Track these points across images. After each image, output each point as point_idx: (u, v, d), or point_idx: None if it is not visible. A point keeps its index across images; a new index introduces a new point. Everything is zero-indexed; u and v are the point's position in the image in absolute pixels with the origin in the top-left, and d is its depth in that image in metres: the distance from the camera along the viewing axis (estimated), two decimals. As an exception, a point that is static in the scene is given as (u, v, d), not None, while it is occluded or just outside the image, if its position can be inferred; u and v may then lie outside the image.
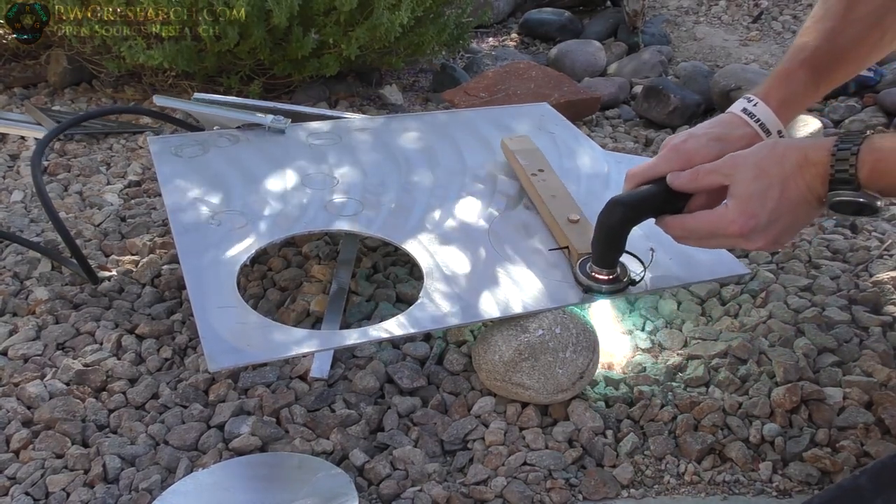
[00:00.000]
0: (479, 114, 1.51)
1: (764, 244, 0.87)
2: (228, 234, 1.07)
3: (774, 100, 0.97)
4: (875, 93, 1.88)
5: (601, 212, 0.94)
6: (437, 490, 0.88)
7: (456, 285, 1.01)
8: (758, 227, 0.85)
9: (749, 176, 0.85)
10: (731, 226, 0.86)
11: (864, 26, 0.98)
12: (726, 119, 0.99)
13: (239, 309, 0.94)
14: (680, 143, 0.95)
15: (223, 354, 0.87)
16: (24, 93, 2.01)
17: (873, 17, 0.98)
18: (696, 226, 0.90)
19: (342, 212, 1.14)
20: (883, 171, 0.79)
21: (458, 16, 2.09)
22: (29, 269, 1.27)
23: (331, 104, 1.96)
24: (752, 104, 0.97)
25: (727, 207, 0.87)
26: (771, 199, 0.84)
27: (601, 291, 1.00)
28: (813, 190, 0.83)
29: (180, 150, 1.26)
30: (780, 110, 0.97)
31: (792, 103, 0.99)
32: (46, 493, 0.89)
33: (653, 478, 0.92)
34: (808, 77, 0.98)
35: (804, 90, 0.99)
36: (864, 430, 0.94)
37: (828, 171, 0.81)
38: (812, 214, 0.87)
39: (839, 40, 0.98)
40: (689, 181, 0.90)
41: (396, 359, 1.07)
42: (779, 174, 0.84)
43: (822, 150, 0.82)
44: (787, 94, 0.98)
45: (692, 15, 2.70)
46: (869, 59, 1.08)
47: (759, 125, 0.97)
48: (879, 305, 1.16)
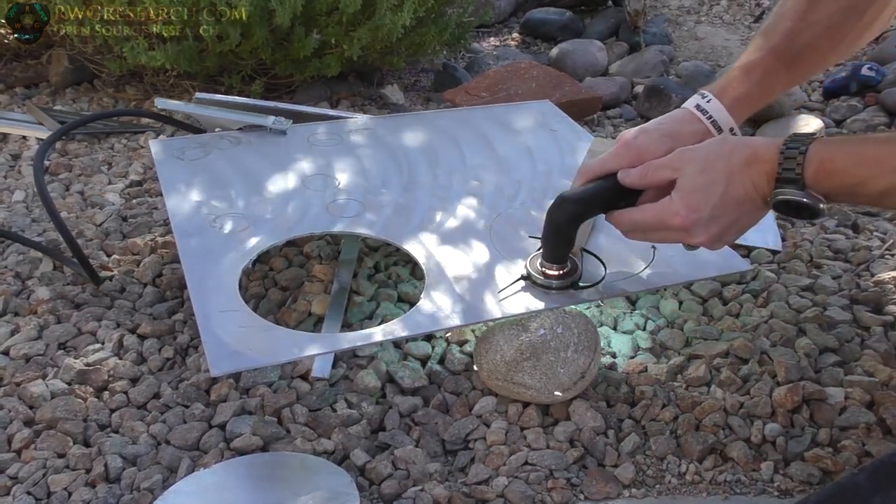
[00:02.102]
0: (481, 112, 1.51)
1: (705, 239, 0.87)
2: (230, 237, 1.07)
3: (728, 97, 0.98)
4: (877, 92, 1.88)
5: (549, 208, 0.94)
6: (439, 490, 0.88)
7: (457, 286, 1.01)
8: (700, 220, 0.85)
9: (695, 170, 0.85)
10: (674, 218, 0.86)
11: (823, 28, 0.98)
12: (679, 115, 0.99)
13: (241, 313, 0.94)
14: (631, 138, 0.95)
15: (225, 359, 0.87)
16: (25, 92, 2.01)
17: (833, 19, 0.98)
18: (641, 218, 0.90)
19: (344, 213, 1.14)
20: (829, 172, 0.80)
21: (459, 15, 2.09)
22: (30, 269, 1.28)
23: (332, 104, 1.96)
24: (706, 100, 0.98)
25: (671, 200, 0.87)
26: (715, 194, 0.84)
27: (551, 287, 1.00)
28: (758, 187, 0.83)
29: (182, 153, 1.27)
30: (734, 108, 0.97)
31: (746, 101, 0.99)
32: (48, 492, 0.89)
33: (654, 477, 0.92)
34: (763, 76, 0.98)
35: (759, 89, 0.99)
36: (866, 430, 0.94)
37: (775, 169, 0.81)
38: (757, 214, 0.87)
39: (797, 41, 0.98)
40: (639, 178, 0.91)
41: (398, 358, 1.07)
42: (724, 169, 0.84)
43: (771, 148, 0.82)
44: (741, 92, 0.98)
45: (693, 14, 2.70)
46: (826, 62, 1.08)
47: (710, 122, 0.97)
48: (881, 305, 1.16)
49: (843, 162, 0.80)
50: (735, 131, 0.99)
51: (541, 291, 1.00)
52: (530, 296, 0.99)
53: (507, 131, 1.41)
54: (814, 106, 1.91)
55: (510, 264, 1.05)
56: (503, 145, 1.36)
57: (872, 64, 1.95)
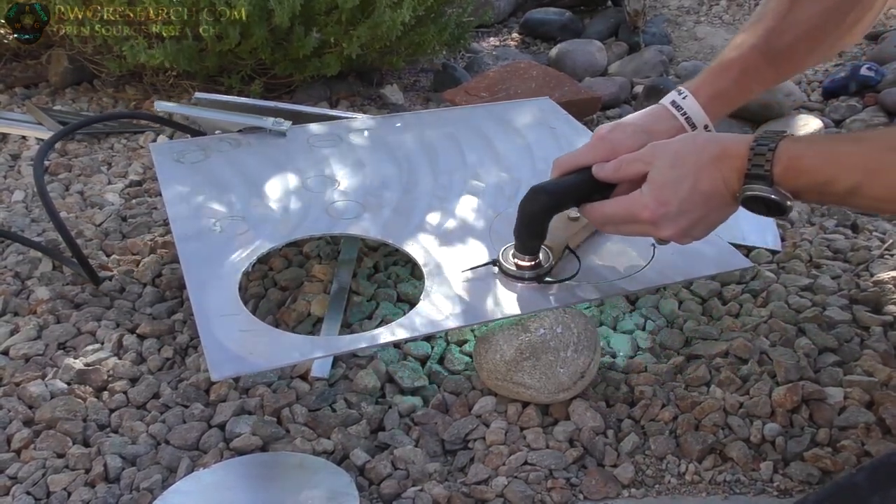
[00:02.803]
0: (480, 110, 1.51)
1: (673, 233, 0.88)
2: (230, 240, 1.07)
3: (704, 94, 0.98)
4: (876, 92, 1.88)
5: (523, 199, 0.94)
6: (438, 490, 0.88)
7: (457, 286, 1.01)
8: (668, 214, 0.86)
9: (666, 164, 0.86)
10: (643, 211, 0.87)
11: (804, 29, 0.99)
12: (655, 111, 1.00)
13: (242, 317, 0.94)
14: (606, 133, 0.96)
15: (226, 364, 0.87)
16: (25, 92, 2.01)
17: (814, 20, 0.98)
18: (612, 211, 0.91)
19: (343, 215, 1.14)
20: (797, 170, 0.80)
21: (458, 15, 2.09)
22: (30, 269, 1.28)
23: (332, 104, 1.96)
24: (682, 97, 0.99)
25: (641, 193, 0.88)
26: (683, 189, 0.85)
27: (523, 278, 1.00)
28: (728, 183, 0.84)
29: (182, 156, 1.26)
30: (709, 105, 0.98)
31: (722, 99, 0.99)
32: (48, 492, 0.89)
33: (654, 477, 0.92)
34: (740, 74, 0.99)
35: (736, 87, 0.99)
36: (865, 430, 0.94)
37: (744, 166, 0.82)
38: (726, 210, 0.88)
39: (776, 41, 0.99)
40: (613, 171, 0.91)
41: (397, 358, 1.07)
42: (694, 164, 0.85)
43: (741, 144, 0.83)
44: (717, 90, 0.99)
45: (693, 14, 2.70)
46: (806, 63, 1.09)
47: (685, 118, 0.98)
48: (880, 305, 1.16)
49: (812, 160, 0.80)
50: (710, 128, 0.99)
51: (541, 291, 1.00)
52: (529, 295, 0.99)
53: (507, 129, 1.40)
54: (813, 106, 1.91)
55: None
56: (503, 144, 1.35)
57: (872, 64, 1.95)
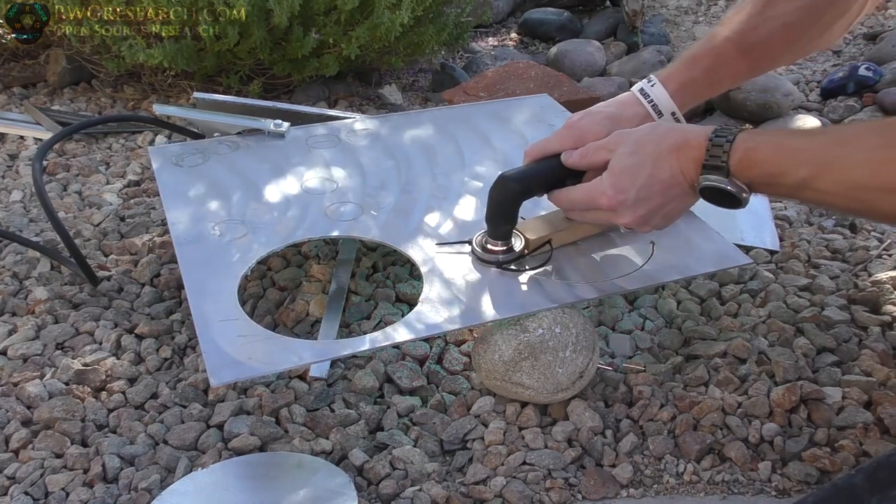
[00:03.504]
0: (479, 108, 1.51)
1: (632, 220, 0.90)
2: (229, 244, 1.07)
3: (673, 83, 1.00)
4: (874, 92, 1.88)
5: (492, 186, 0.97)
6: (437, 489, 0.88)
7: (456, 287, 1.00)
8: (626, 202, 0.88)
9: (626, 151, 0.88)
10: (601, 197, 0.90)
11: (779, 24, 1.00)
12: (623, 98, 1.02)
13: (241, 322, 0.94)
14: (576, 120, 0.98)
15: (225, 369, 0.87)
16: (23, 92, 2.01)
17: (790, 17, 1.00)
18: (575, 197, 0.94)
19: (342, 217, 1.14)
20: (752, 161, 0.82)
21: (457, 15, 2.09)
22: (28, 269, 1.27)
23: (330, 104, 1.96)
24: (651, 85, 1.01)
25: (601, 180, 0.90)
26: (641, 176, 0.87)
27: (497, 262, 1.02)
28: (686, 173, 0.85)
29: (181, 160, 1.26)
30: (678, 94, 1.00)
31: (691, 88, 1.01)
32: (46, 492, 0.89)
33: (652, 477, 0.92)
34: (711, 65, 1.01)
35: (705, 77, 1.01)
36: (864, 430, 0.94)
37: (702, 156, 0.84)
38: (685, 200, 0.89)
39: (751, 35, 1.00)
40: (580, 159, 0.94)
41: (396, 358, 1.07)
42: (653, 152, 0.86)
43: (701, 135, 0.85)
44: (686, 79, 1.01)
45: (692, 14, 2.70)
46: (780, 59, 1.10)
47: (651, 106, 1.00)
48: (878, 305, 1.16)
49: (766, 152, 0.82)
50: (677, 116, 1.01)
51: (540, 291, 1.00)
52: (529, 295, 0.99)
53: (506, 127, 1.40)
54: (811, 106, 1.91)
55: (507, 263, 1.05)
56: (502, 141, 1.35)
57: (870, 64, 1.95)
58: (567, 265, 1.05)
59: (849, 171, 0.78)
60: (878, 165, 0.76)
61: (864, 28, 2.43)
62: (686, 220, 1.14)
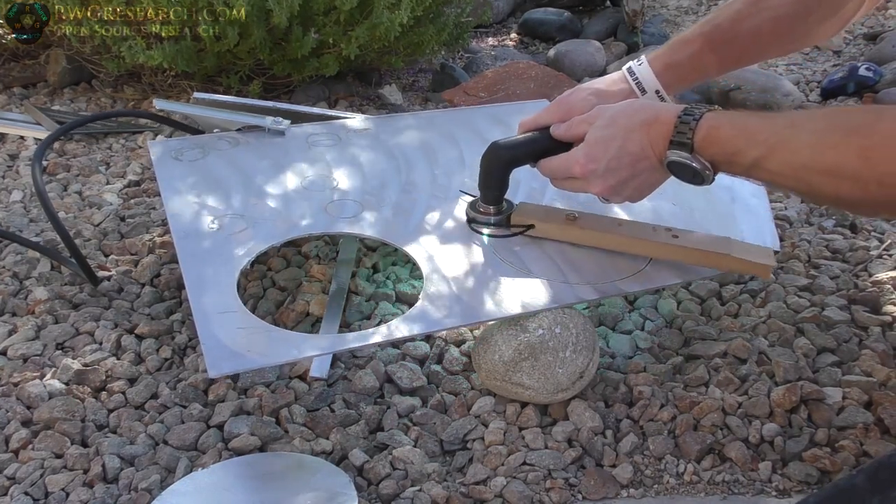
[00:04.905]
0: (479, 111, 1.51)
1: (602, 189, 0.94)
2: (229, 238, 1.07)
3: (659, 63, 1.05)
4: (874, 93, 1.89)
5: (484, 153, 1.04)
6: (437, 490, 0.88)
7: (456, 286, 1.01)
8: (597, 171, 0.93)
9: (601, 124, 0.93)
10: (574, 166, 0.95)
11: (769, 16, 1.03)
12: (612, 76, 1.09)
13: (240, 314, 0.94)
14: (565, 96, 1.05)
15: (224, 360, 0.87)
16: (23, 92, 2.01)
17: (780, 10, 1.03)
18: (554, 165, 0.99)
19: (342, 214, 1.14)
20: (713, 139, 0.86)
21: (457, 15, 2.09)
22: (28, 269, 1.27)
23: (330, 104, 1.96)
24: (638, 64, 1.07)
25: (577, 150, 0.95)
26: (612, 148, 0.91)
27: (489, 223, 1.09)
28: (655, 147, 0.89)
29: (181, 154, 1.26)
30: (663, 73, 1.05)
31: (676, 70, 1.05)
32: (46, 492, 0.89)
33: (652, 477, 0.92)
34: (700, 49, 1.04)
35: (691, 61, 1.05)
36: (864, 430, 0.94)
37: (670, 132, 0.87)
38: (654, 176, 0.93)
39: (741, 24, 1.04)
40: (564, 131, 0.99)
41: (396, 358, 1.07)
42: (625, 126, 0.91)
43: (672, 112, 0.89)
44: (673, 60, 1.05)
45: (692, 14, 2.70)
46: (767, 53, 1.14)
47: (636, 83, 1.05)
48: (879, 305, 1.16)
49: (726, 131, 0.85)
50: (661, 94, 1.05)
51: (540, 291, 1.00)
52: (529, 295, 0.99)
53: (506, 131, 1.40)
54: (811, 106, 1.91)
55: (508, 264, 1.05)
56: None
57: (870, 64, 1.95)
58: (567, 266, 1.05)
59: (794, 152, 0.81)
60: (819, 148, 0.79)
61: (864, 28, 2.43)
62: (685, 223, 1.15)
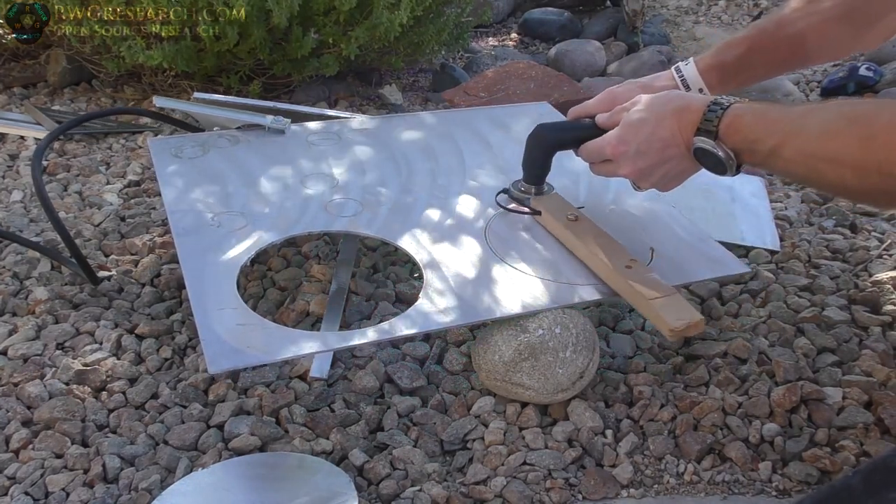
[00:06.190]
0: (479, 113, 1.51)
1: (631, 171, 0.98)
2: (228, 235, 1.07)
3: (704, 63, 1.11)
4: (874, 92, 1.89)
5: (531, 135, 1.10)
6: (437, 490, 0.88)
7: (456, 285, 1.01)
8: (627, 153, 0.97)
9: (637, 109, 0.97)
10: (607, 147, 0.99)
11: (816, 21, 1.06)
12: (661, 73, 1.15)
13: (239, 310, 0.94)
14: (614, 88, 1.10)
15: (223, 356, 0.87)
16: (23, 92, 2.01)
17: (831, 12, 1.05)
18: (591, 147, 1.03)
19: (342, 212, 1.14)
20: (736, 127, 0.89)
21: (457, 15, 2.09)
22: (28, 269, 1.27)
23: (330, 104, 1.96)
24: (685, 63, 1.12)
25: (612, 132, 0.99)
26: (643, 132, 0.95)
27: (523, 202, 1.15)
28: (684, 134, 0.93)
29: (180, 151, 1.26)
30: (707, 73, 1.10)
31: (720, 70, 1.10)
32: (46, 492, 0.89)
33: (652, 477, 0.92)
34: (745, 52, 1.09)
35: (737, 63, 1.10)
36: (864, 430, 0.94)
37: (699, 119, 0.91)
38: (683, 163, 0.96)
39: (787, 28, 1.08)
40: (607, 118, 1.03)
41: (396, 358, 1.07)
42: (657, 112, 0.95)
43: (703, 102, 0.93)
44: (717, 61, 1.11)
45: (692, 15, 2.70)
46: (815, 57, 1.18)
47: (681, 80, 1.11)
48: (879, 305, 1.16)
49: (748, 120, 0.88)
50: (704, 92, 1.10)
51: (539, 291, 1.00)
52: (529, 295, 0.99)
53: (506, 133, 1.41)
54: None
55: (508, 264, 1.05)
56: (501, 147, 1.36)
57: (870, 64, 1.95)
58: (568, 266, 1.05)
59: (805, 140, 0.84)
60: (825, 137, 0.82)
61: (865, 28, 2.43)
62: (686, 227, 1.15)
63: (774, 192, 1.52)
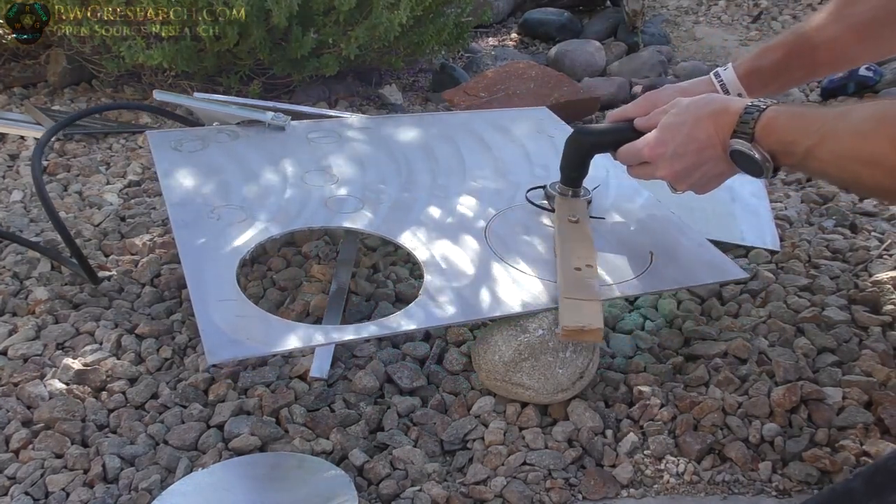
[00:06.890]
0: (479, 116, 1.51)
1: (668, 173, 0.98)
2: (228, 228, 1.07)
3: (742, 68, 1.12)
4: (875, 93, 1.89)
5: (569, 137, 1.10)
6: (437, 490, 0.88)
7: (456, 284, 1.01)
8: (664, 155, 0.97)
9: (675, 112, 0.98)
10: (644, 149, 0.99)
11: (851, 23, 1.06)
12: (700, 78, 1.16)
13: (239, 302, 0.94)
14: (653, 92, 1.11)
15: (222, 347, 0.87)
16: (23, 92, 2.01)
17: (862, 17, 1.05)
18: (629, 149, 1.03)
19: (342, 209, 1.14)
20: (772, 129, 0.89)
21: (457, 15, 2.09)
22: (28, 269, 1.27)
23: (330, 104, 1.96)
24: (724, 69, 1.13)
25: (649, 135, 0.99)
26: (681, 133, 0.95)
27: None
28: (721, 135, 0.93)
29: (180, 145, 1.26)
30: (744, 78, 1.11)
31: (757, 76, 1.12)
32: (46, 492, 0.89)
33: (652, 477, 0.92)
34: (782, 56, 1.10)
35: (773, 68, 1.11)
36: (864, 430, 0.94)
37: (735, 122, 0.91)
38: (719, 165, 0.96)
39: (823, 31, 1.08)
40: (645, 121, 1.04)
41: (396, 358, 1.07)
42: (695, 114, 0.95)
43: (740, 104, 0.93)
44: (755, 66, 1.12)
45: (692, 15, 2.70)
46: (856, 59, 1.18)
47: (720, 85, 1.12)
48: (879, 305, 1.16)
49: (784, 121, 0.88)
50: (743, 96, 1.10)
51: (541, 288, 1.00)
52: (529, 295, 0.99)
53: (504, 136, 1.41)
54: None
55: (508, 263, 1.05)
56: (500, 150, 1.36)
57: (870, 64, 1.95)
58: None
59: (839, 141, 0.83)
60: (857, 137, 0.82)
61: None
62: (685, 232, 1.15)
63: (774, 192, 1.52)
